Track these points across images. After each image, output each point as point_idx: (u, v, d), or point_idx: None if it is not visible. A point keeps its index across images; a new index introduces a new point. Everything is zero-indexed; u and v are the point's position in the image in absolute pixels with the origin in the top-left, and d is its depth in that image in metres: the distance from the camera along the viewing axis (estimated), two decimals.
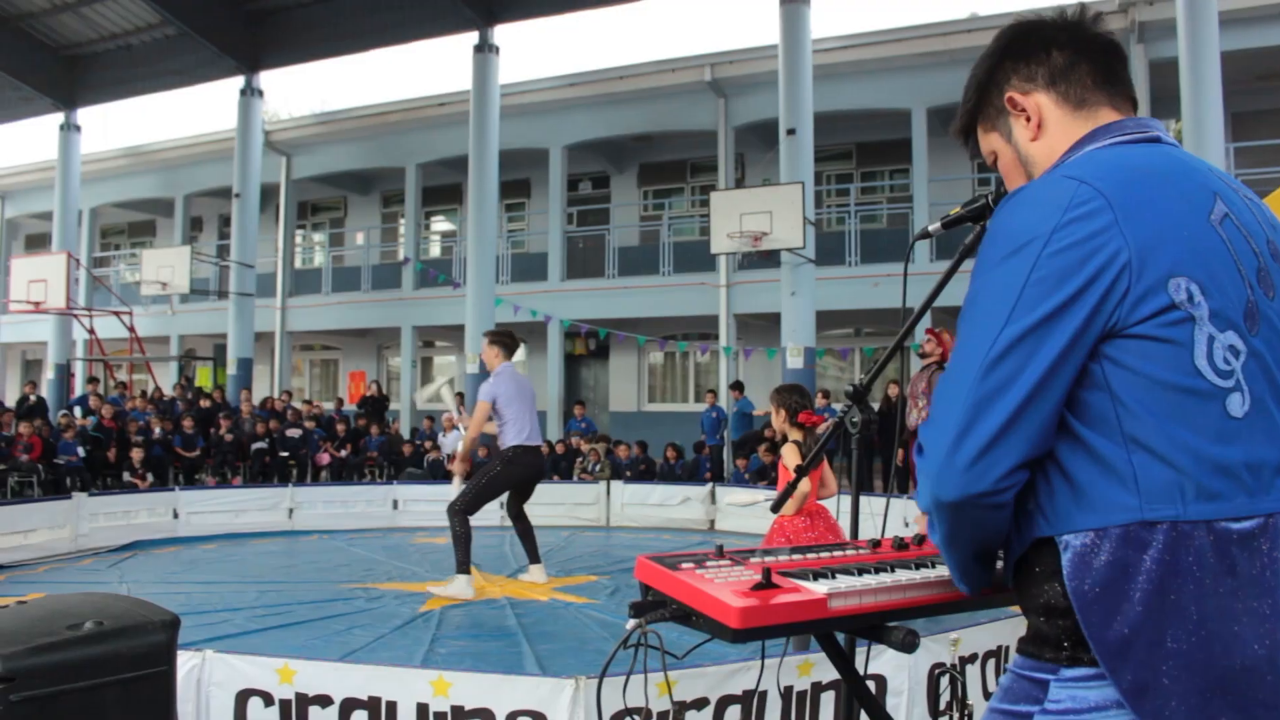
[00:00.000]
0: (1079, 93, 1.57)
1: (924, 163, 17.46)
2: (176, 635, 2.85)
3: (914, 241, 2.21)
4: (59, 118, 23.79)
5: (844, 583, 1.70)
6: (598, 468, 14.92)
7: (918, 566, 1.83)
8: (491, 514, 12.21)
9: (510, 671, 4.61)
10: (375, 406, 18.84)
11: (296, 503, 11.84)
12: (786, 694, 3.82)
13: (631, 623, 1.75)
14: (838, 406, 15.83)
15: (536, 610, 7.17)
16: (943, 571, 1.80)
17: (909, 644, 1.70)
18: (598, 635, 6.46)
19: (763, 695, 3.76)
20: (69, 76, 23.45)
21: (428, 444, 16.77)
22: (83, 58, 23.29)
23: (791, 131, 15.83)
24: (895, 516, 10.45)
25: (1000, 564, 1.58)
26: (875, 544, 2.01)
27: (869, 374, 2.37)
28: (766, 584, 1.64)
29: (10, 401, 18.70)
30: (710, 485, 12.26)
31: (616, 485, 12.45)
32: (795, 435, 5.18)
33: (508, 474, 7.77)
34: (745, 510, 11.66)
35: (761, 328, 19.26)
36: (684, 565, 1.76)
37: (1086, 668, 1.38)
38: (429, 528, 11.79)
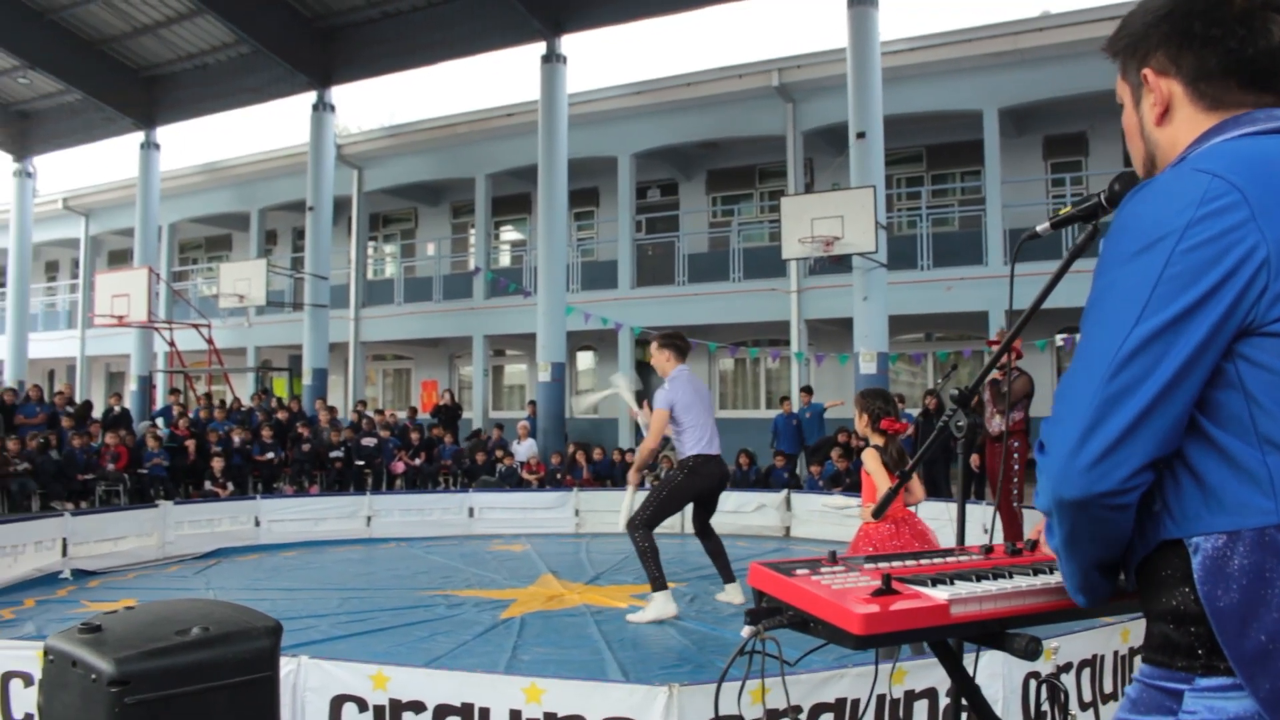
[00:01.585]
0: (1218, 94, 1.48)
1: (996, 164, 17.23)
2: (279, 641, 2.89)
3: (1022, 242, 2.16)
4: (139, 137, 24.40)
5: (964, 589, 1.67)
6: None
7: (1035, 572, 1.79)
8: (546, 522, 12.30)
9: (594, 679, 4.61)
10: (448, 415, 19.01)
11: (374, 510, 11.99)
12: (880, 702, 3.78)
13: (748, 629, 1.74)
14: (912, 411, 15.69)
15: (616, 618, 7.17)
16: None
17: (1032, 651, 1.68)
18: (679, 643, 6.45)
19: (855, 703, 3.72)
20: (148, 96, 24.05)
21: (500, 452, 16.88)
22: (161, 78, 23.87)
23: (861, 135, 15.71)
24: (974, 523, 10.32)
25: (1121, 576, 1.54)
26: (987, 550, 1.98)
27: (975, 378, 2.33)
28: (886, 590, 1.62)
29: (96, 413, 19.16)
30: (785, 492, 12.18)
31: None
32: (877, 440, 5.13)
33: (690, 484, 7.33)
34: (822, 516, 11.58)
35: (833, 333, 19.12)
36: (799, 571, 1.75)
37: (1224, 677, 1.33)
38: (504, 535, 11.88)
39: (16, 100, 25.77)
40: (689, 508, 7.63)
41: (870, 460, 5.05)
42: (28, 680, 4.03)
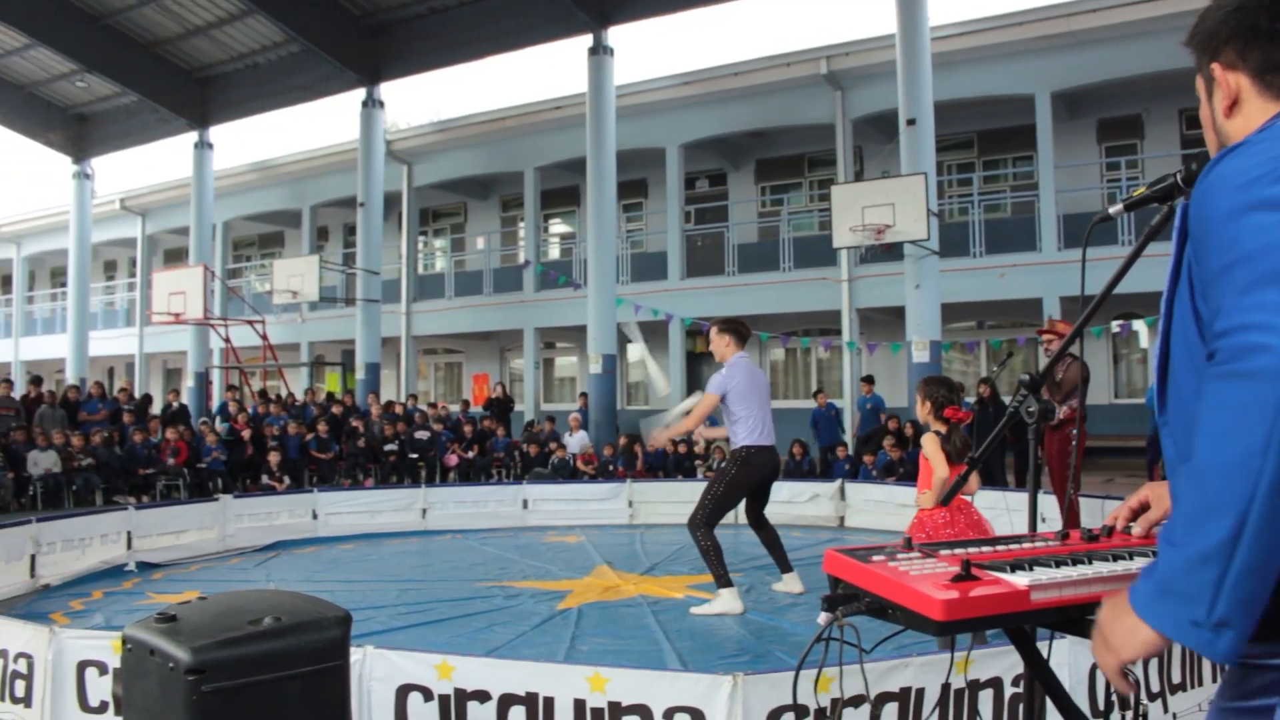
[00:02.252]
0: None
1: (1049, 149, 17.00)
2: (349, 631, 2.93)
3: (1093, 225, 2.14)
4: (193, 137, 24.76)
5: (1044, 574, 1.66)
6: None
7: (1115, 558, 1.77)
8: (599, 512, 12.33)
9: (654, 669, 4.62)
10: (500, 408, 19.12)
11: (429, 503, 12.07)
12: (944, 691, 3.76)
13: (824, 616, 1.74)
14: (968, 400, 15.51)
15: (673, 608, 7.18)
16: (1144, 563, 1.74)
17: None
18: (737, 633, 6.44)
19: (920, 692, 3.70)
20: (201, 97, 24.40)
21: (553, 444, 16.95)
22: (214, 78, 24.21)
23: (911, 122, 15.58)
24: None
25: None
26: (1063, 535, 1.96)
27: (1046, 364, 2.31)
28: (966, 576, 1.61)
29: (155, 408, 19.51)
30: (839, 481, 12.12)
31: None
32: (939, 428, 5.08)
33: (744, 476, 7.13)
34: (877, 506, 11.52)
35: (885, 322, 19.01)
36: (875, 558, 1.74)
37: None
38: (558, 526, 11.93)
39: (75, 103, 26.26)
40: (745, 500, 7.47)
41: (930, 444, 5.01)
42: (102, 669, 4.12)
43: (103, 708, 4.13)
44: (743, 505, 7.53)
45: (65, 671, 4.16)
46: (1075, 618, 1.70)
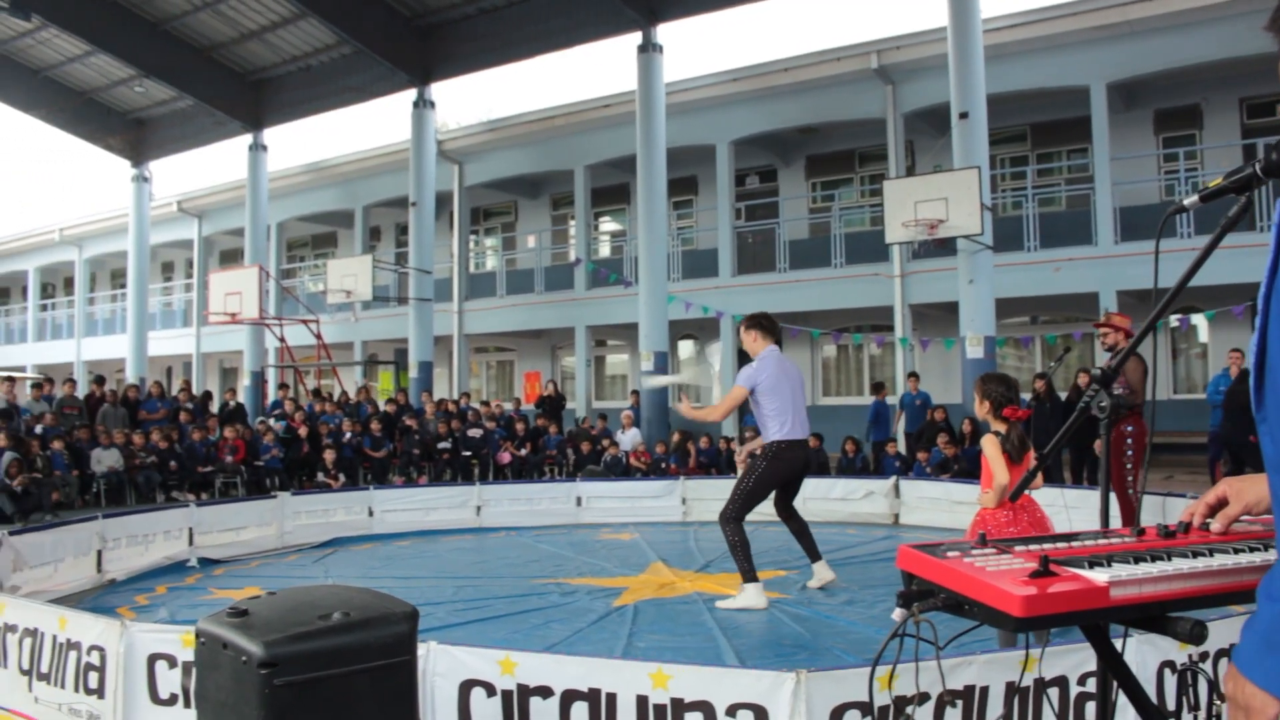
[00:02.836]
0: None
1: (1105, 141, 16.75)
2: (416, 626, 2.96)
3: (1167, 216, 2.11)
4: (247, 139, 25.13)
5: (1123, 570, 1.64)
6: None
7: (1195, 555, 1.75)
8: (658, 510, 12.34)
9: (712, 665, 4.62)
10: (553, 406, 19.20)
11: (484, 500, 12.15)
12: (1009, 690, 3.72)
13: (898, 612, 1.73)
14: (1025, 396, 15.32)
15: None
16: (1225, 560, 1.72)
17: (1197, 635, 1.64)
18: (792, 630, 6.43)
19: (984, 690, 3.67)
20: (255, 99, 24.74)
21: (606, 442, 17.00)
22: (267, 81, 24.54)
23: (964, 115, 15.44)
24: (1089, 509, 10.08)
25: None
26: (1139, 532, 1.93)
27: (1118, 359, 2.28)
28: (1044, 572, 1.60)
29: (213, 406, 19.80)
30: (894, 479, 12.04)
31: None
32: (998, 427, 5.03)
33: (773, 471, 7.10)
34: (932, 504, 11.42)
35: (938, 317, 18.84)
36: (949, 553, 1.74)
37: None
38: (612, 523, 11.97)
39: (133, 108, 26.75)
40: (775, 491, 7.43)
41: (989, 447, 4.95)
42: (171, 662, 4.20)
43: (172, 700, 4.21)
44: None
45: (136, 664, 4.24)
46: (1155, 615, 1.68)
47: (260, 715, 2.63)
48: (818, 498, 12.17)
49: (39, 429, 14.70)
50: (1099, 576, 1.60)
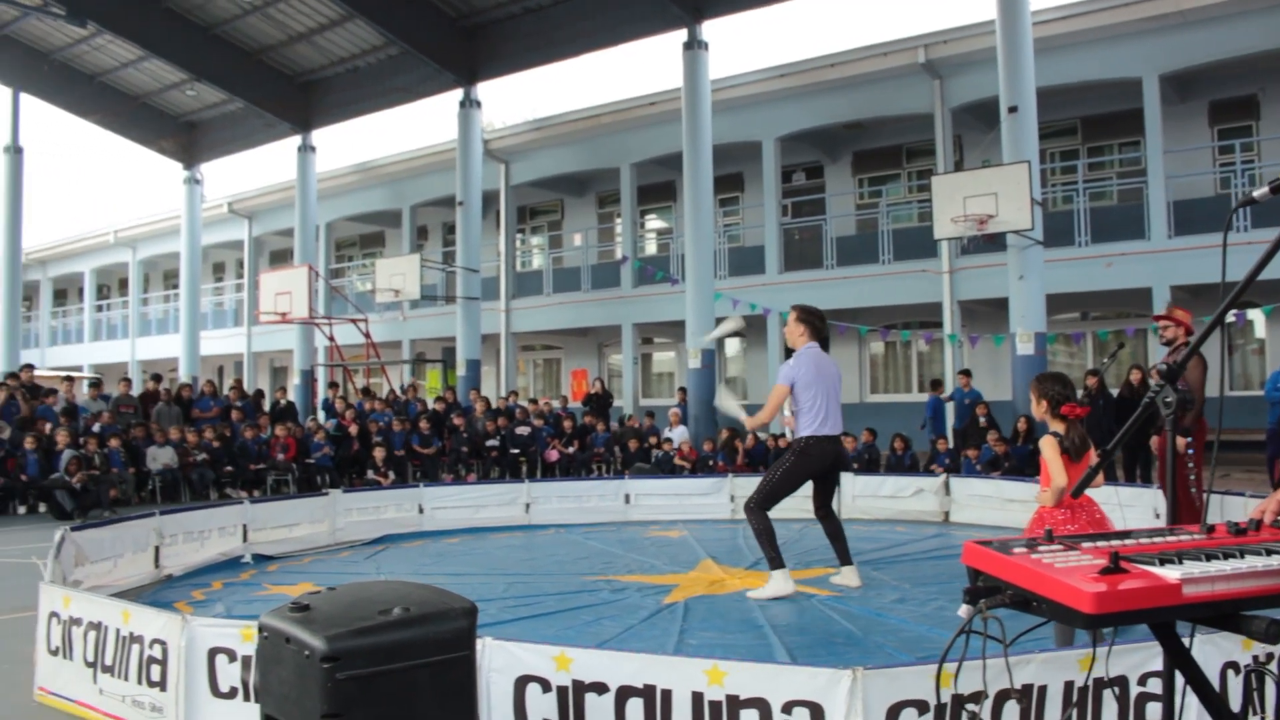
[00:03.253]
0: None
1: (1158, 134, 16.51)
2: (475, 622, 2.98)
3: (1236, 208, 2.08)
4: (296, 141, 25.42)
5: (1195, 568, 1.62)
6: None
7: (1269, 553, 1.73)
8: (710, 508, 12.32)
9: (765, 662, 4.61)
10: (600, 403, 19.23)
11: (533, 497, 12.19)
12: (1067, 689, 3.68)
13: (965, 608, 1.72)
14: (1077, 393, 15.14)
15: (780, 603, 7.14)
16: None
17: (1274, 634, 1.62)
18: (843, 627, 6.39)
19: (1042, 690, 3.64)
20: (304, 101, 25.02)
21: (653, 439, 17.01)
22: (315, 83, 24.81)
23: (1013, 109, 15.30)
24: (1144, 507, 9.94)
25: None
26: (1209, 529, 1.91)
27: (1184, 355, 2.25)
28: (1114, 568, 1.59)
29: (263, 406, 20.04)
30: (944, 476, 11.94)
31: (846, 477, 12.27)
32: (1056, 427, 4.97)
33: (801, 466, 7.17)
34: (983, 501, 11.32)
35: (987, 314, 18.67)
36: (1016, 550, 1.72)
37: None
38: (661, 521, 11.96)
39: (184, 112, 27.15)
40: (808, 487, 7.44)
41: (1047, 449, 4.89)
42: (231, 656, 4.26)
43: (232, 693, 4.26)
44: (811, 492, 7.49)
45: (197, 658, 4.30)
46: (1228, 614, 1.66)
47: (322, 709, 2.67)
48: (867, 495, 12.13)
49: (97, 427, 14.96)
50: (1171, 574, 1.59)
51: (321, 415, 19.02)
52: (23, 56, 25.31)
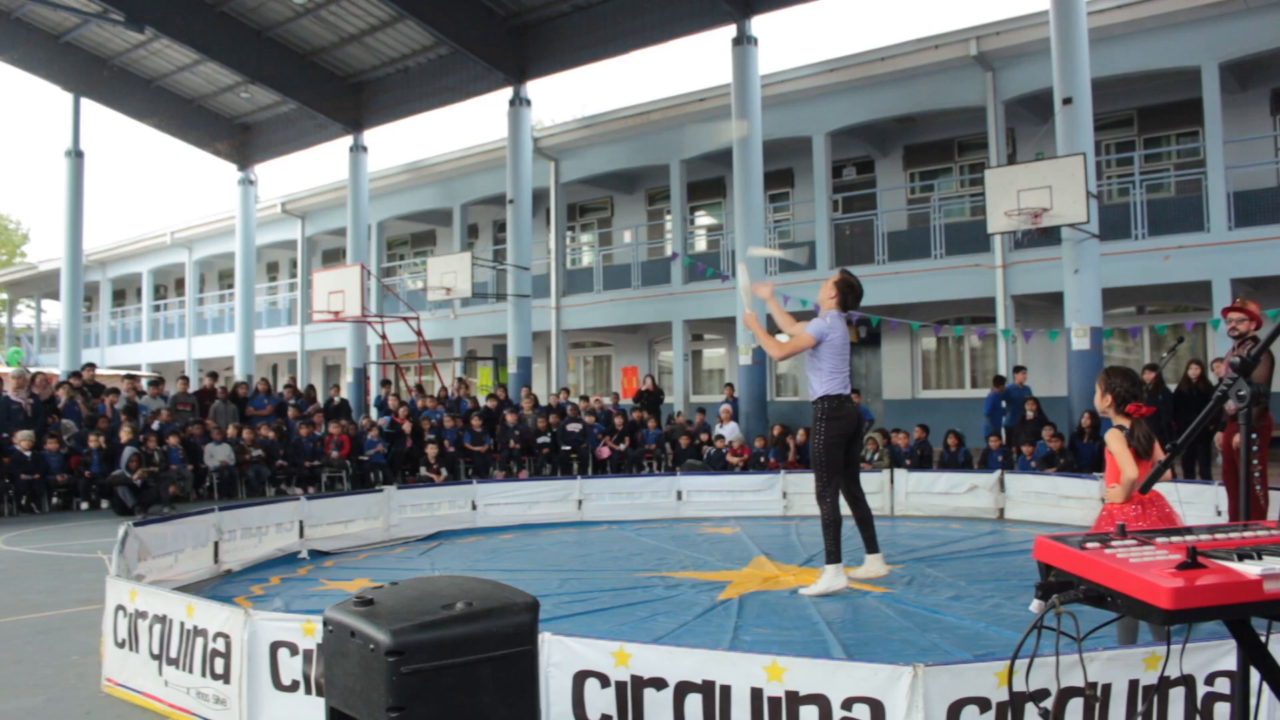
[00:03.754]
0: None
1: (1218, 123, 16.21)
2: (537, 617, 3.00)
3: None
4: (348, 141, 25.68)
5: (1276, 563, 1.60)
6: (875, 456, 14.70)
7: None
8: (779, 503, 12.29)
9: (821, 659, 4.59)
10: (651, 400, 19.24)
11: (585, 494, 12.23)
12: (1131, 688, 3.63)
13: (1036, 604, 1.71)
14: (1171, 386, 14.86)
15: (835, 599, 7.10)
16: None
17: None
18: (899, 624, 6.35)
19: (1107, 688, 3.59)
20: (356, 102, 25.27)
21: (705, 436, 16.99)
22: (367, 83, 25.05)
23: (1068, 101, 15.09)
24: (1207, 504, 9.79)
25: None
26: None
27: (1256, 349, 2.20)
28: (1192, 564, 1.56)
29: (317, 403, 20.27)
30: (998, 473, 11.82)
31: (900, 474, 12.20)
32: (1120, 421, 4.88)
33: (834, 429, 7.17)
34: (1038, 499, 11.19)
35: (1041, 309, 18.45)
36: (1089, 544, 1.70)
37: None
38: (713, 517, 11.95)
39: (238, 114, 27.53)
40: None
41: (1114, 441, 4.80)
42: (293, 650, 4.31)
43: (294, 686, 4.32)
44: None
45: (260, 651, 4.36)
46: None
47: (387, 702, 2.70)
48: (920, 492, 12.04)
49: (156, 425, 15.21)
50: (1251, 569, 1.56)
51: (374, 412, 19.19)
52: (82, 63, 25.83)
